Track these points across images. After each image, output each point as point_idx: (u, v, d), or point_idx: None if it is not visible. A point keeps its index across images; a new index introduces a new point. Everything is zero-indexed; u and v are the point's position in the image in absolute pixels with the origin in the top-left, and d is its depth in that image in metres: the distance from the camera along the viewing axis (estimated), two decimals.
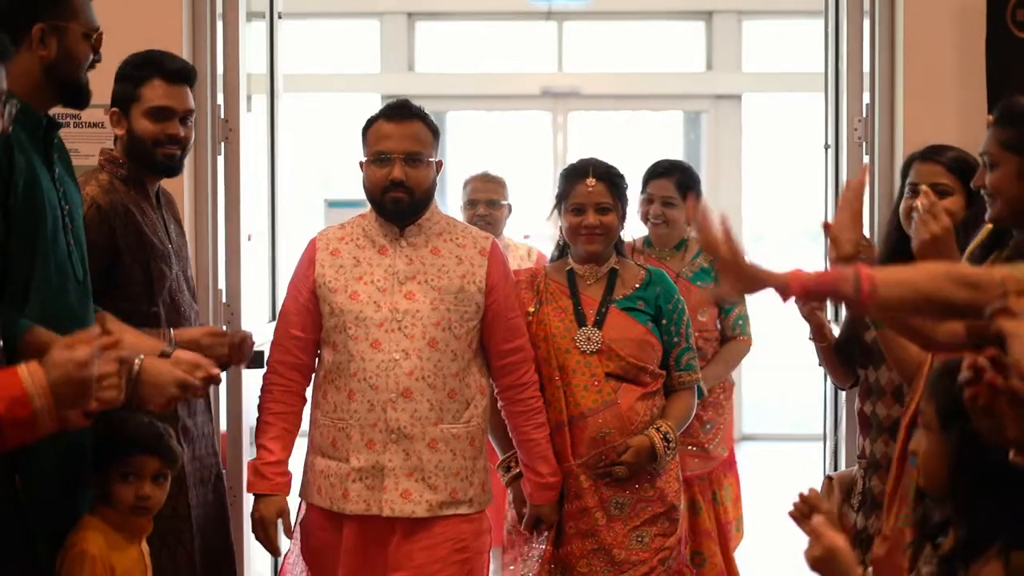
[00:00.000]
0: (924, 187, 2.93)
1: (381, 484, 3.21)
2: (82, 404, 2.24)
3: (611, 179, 3.48)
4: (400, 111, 3.29)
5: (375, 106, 3.46)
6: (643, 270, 3.57)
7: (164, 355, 2.77)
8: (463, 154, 10.15)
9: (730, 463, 4.51)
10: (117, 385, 2.28)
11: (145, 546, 2.85)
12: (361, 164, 3.31)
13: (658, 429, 3.41)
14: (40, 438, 2.23)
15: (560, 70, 10.25)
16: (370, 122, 3.32)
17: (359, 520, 3.24)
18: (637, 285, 3.52)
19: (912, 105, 3.91)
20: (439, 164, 3.33)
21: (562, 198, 3.52)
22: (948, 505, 2.09)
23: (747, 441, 9.67)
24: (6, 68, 2.29)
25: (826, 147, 4.47)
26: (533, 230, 9.38)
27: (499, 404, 3.43)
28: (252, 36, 4.44)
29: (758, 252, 9.96)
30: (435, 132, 3.32)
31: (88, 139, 3.82)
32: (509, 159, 10.01)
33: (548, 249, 4.43)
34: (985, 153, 2.76)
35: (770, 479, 8.45)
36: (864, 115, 4.07)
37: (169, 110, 3.25)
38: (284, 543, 3.42)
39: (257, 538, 3.31)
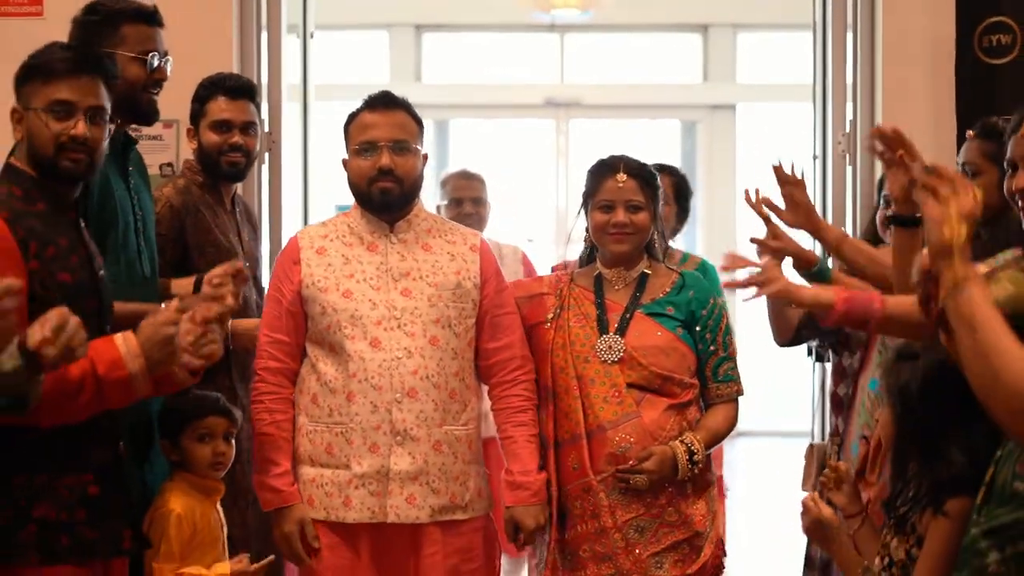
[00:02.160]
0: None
1: (386, 489, 3.04)
2: (171, 361, 2.58)
3: (643, 176, 3.23)
4: (384, 100, 3.14)
5: None
6: (676, 273, 3.29)
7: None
8: (470, 161, 10.38)
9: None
10: (215, 340, 2.66)
11: (219, 507, 3.19)
12: (344, 162, 3.18)
13: (683, 441, 3.11)
14: (136, 399, 2.59)
15: (562, 81, 10.42)
16: (352, 116, 3.17)
17: (361, 530, 3.07)
18: (668, 289, 3.23)
19: (890, 121, 4.29)
20: (425, 157, 3.18)
21: (590, 195, 3.25)
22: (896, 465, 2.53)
23: (743, 437, 9.96)
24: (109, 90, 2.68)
25: (814, 157, 4.78)
26: (536, 234, 9.67)
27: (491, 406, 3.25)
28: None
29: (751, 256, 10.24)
30: (419, 123, 3.17)
31: (149, 151, 4.15)
32: (513, 166, 10.28)
33: (546, 252, 4.53)
34: (968, 163, 3.15)
35: (765, 475, 8.81)
36: (848, 130, 4.46)
37: (229, 122, 3.67)
38: None
39: (285, 555, 3.16)
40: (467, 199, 4.92)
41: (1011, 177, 2.52)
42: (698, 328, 3.20)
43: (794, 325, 3.83)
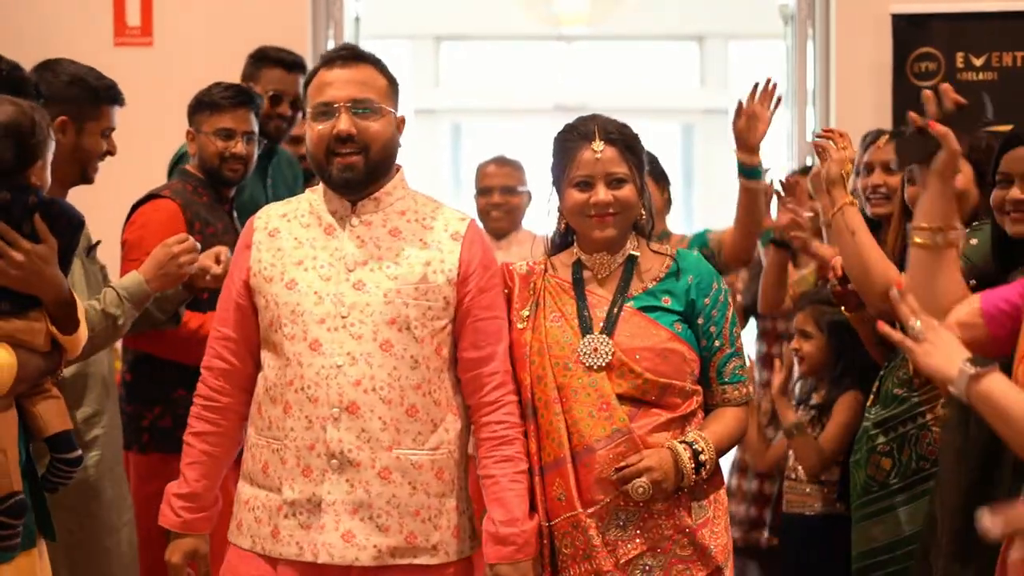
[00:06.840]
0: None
1: (318, 522, 2.48)
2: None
3: (625, 141, 2.62)
4: (344, 53, 2.57)
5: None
6: (669, 254, 2.66)
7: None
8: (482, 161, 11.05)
9: None
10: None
11: None
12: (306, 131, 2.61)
13: (684, 441, 2.52)
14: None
15: (569, 86, 10.90)
16: (311, 74, 2.59)
17: (296, 568, 2.51)
18: (662, 274, 2.63)
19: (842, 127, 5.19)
20: (401, 120, 2.60)
21: (562, 170, 2.64)
22: (823, 380, 3.52)
23: None
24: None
25: (788, 159, 5.59)
26: (545, 230, 10.18)
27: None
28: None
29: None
30: (393, 82, 2.59)
31: None
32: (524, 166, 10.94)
33: None
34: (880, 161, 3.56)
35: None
36: (809, 138, 5.35)
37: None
38: None
39: None
40: (496, 188, 4.43)
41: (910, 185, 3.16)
42: (700, 321, 2.61)
43: None
